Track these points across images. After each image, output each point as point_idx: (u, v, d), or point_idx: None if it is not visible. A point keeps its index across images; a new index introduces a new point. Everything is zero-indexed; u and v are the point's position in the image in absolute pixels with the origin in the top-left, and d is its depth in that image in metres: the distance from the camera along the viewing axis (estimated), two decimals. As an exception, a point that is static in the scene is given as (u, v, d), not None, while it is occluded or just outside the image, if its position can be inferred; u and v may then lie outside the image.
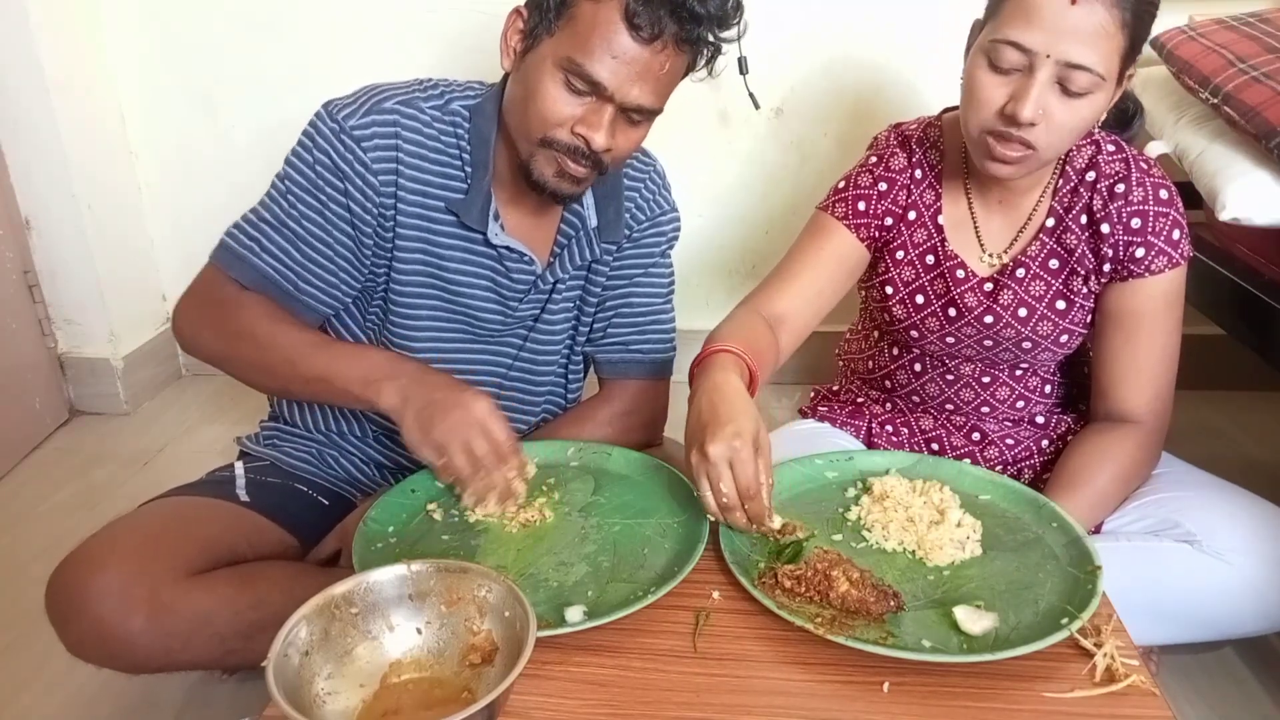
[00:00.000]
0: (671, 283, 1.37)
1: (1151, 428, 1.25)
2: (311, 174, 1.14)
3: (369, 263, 1.20)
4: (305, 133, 1.15)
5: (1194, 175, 1.54)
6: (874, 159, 1.30)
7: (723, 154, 2.19)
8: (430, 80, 1.20)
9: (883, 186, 1.28)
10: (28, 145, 2.03)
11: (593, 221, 1.25)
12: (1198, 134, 1.55)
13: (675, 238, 1.35)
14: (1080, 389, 1.37)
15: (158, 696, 1.34)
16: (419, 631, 0.83)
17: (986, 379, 1.34)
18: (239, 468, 1.28)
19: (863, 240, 1.29)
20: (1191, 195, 1.57)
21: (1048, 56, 1.04)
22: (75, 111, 2.06)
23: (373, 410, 1.11)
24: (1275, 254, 1.49)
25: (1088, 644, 0.86)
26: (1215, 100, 1.48)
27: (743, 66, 1.98)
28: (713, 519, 0.99)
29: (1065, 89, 1.06)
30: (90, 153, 2.12)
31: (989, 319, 1.27)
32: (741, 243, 2.29)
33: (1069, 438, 1.33)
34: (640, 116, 1.09)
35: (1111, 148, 1.23)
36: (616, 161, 1.13)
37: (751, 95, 2.02)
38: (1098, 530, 1.24)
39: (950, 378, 1.35)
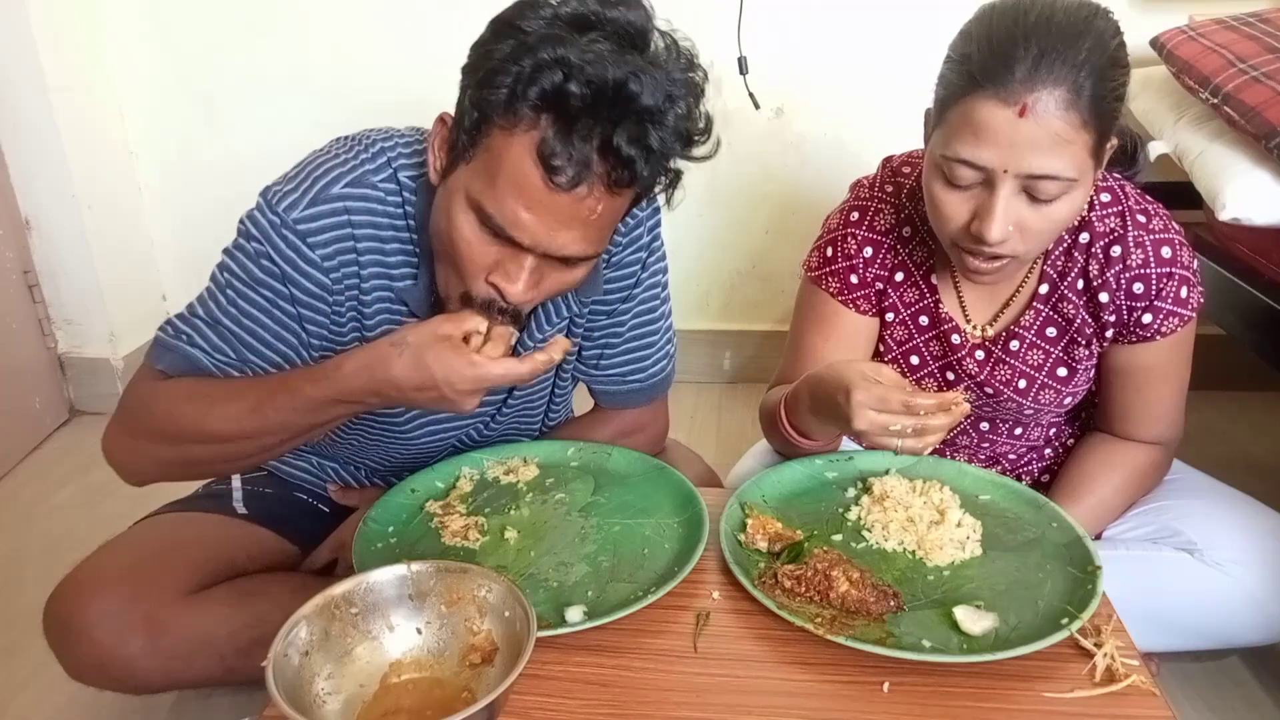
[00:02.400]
0: (663, 291, 1.23)
1: (1162, 447, 1.23)
2: (254, 267, 0.99)
3: (315, 355, 1.06)
4: (245, 224, 1.00)
5: (1194, 175, 1.54)
6: (855, 214, 1.22)
7: (723, 154, 2.17)
8: (369, 140, 1.04)
9: (869, 252, 1.20)
10: (28, 145, 2.03)
11: None
12: (1198, 134, 1.56)
13: (656, 237, 1.18)
14: (1085, 409, 1.33)
15: (156, 698, 1.33)
16: (419, 631, 0.83)
17: (986, 444, 1.30)
18: (236, 480, 1.26)
19: (866, 312, 1.23)
20: (1191, 195, 1.57)
21: (1005, 172, 0.96)
22: (75, 112, 2.06)
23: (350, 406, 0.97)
24: (1275, 254, 1.49)
25: (1088, 644, 0.86)
26: (1215, 100, 1.48)
27: (743, 66, 1.98)
28: (927, 449, 0.99)
29: (1034, 197, 0.98)
30: (90, 153, 2.12)
31: (988, 390, 1.21)
32: (741, 243, 2.28)
33: (1070, 442, 1.32)
34: (575, 261, 0.91)
35: (1106, 198, 1.13)
36: (544, 300, 0.97)
37: (751, 95, 2.02)
38: (1097, 538, 1.23)
39: (946, 443, 1.31)
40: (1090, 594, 0.90)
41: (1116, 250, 1.11)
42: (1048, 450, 1.34)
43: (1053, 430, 1.31)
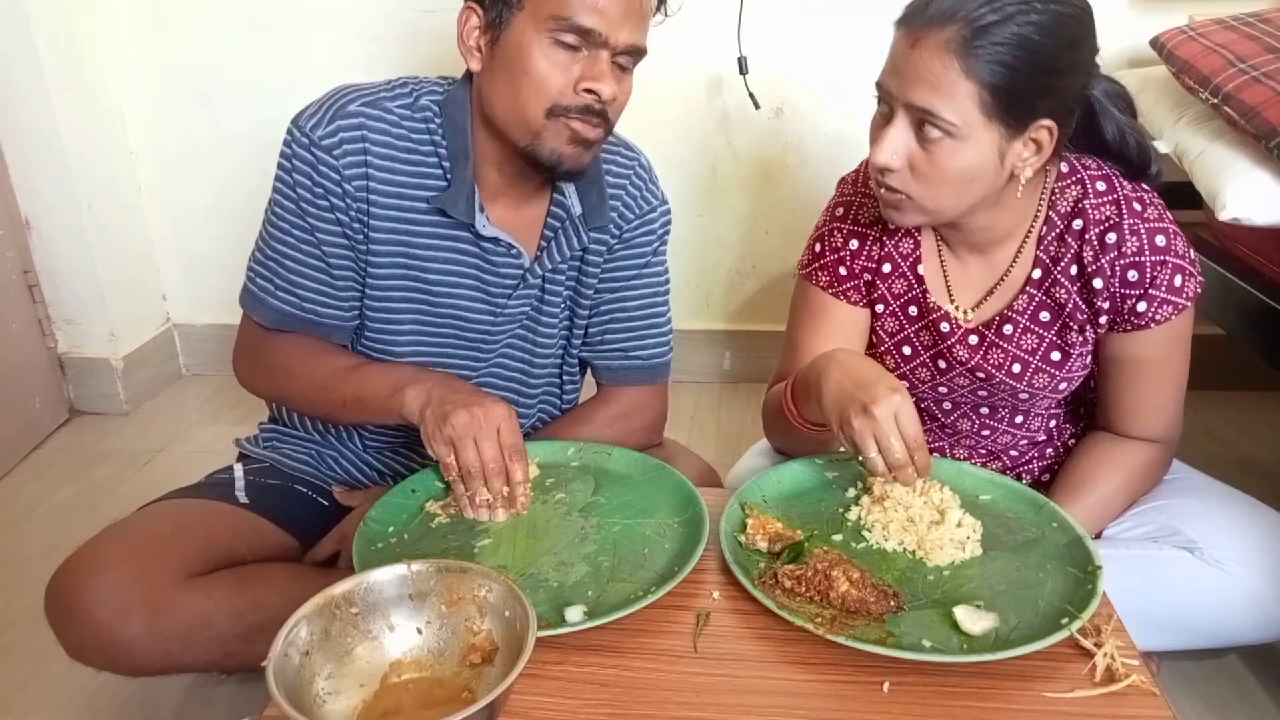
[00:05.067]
0: (667, 281, 1.33)
1: (1162, 445, 1.23)
2: (295, 196, 1.13)
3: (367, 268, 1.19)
4: (282, 153, 1.14)
5: (1194, 175, 1.54)
6: (840, 209, 1.25)
7: (723, 154, 2.19)
8: (399, 79, 1.18)
9: (854, 245, 1.23)
10: (28, 145, 2.03)
11: (577, 209, 1.21)
12: (1198, 134, 1.55)
13: (666, 233, 1.31)
14: (1086, 404, 1.33)
15: (157, 697, 1.34)
16: (419, 631, 0.83)
17: (986, 432, 1.30)
18: (238, 470, 1.27)
19: (857, 303, 1.25)
20: (1191, 195, 1.57)
21: (897, 99, 1.04)
22: (75, 111, 2.06)
23: (402, 419, 1.11)
24: (1275, 254, 1.49)
25: (1088, 644, 0.86)
26: (1215, 100, 1.48)
27: (743, 66, 1.98)
28: (883, 480, 1.01)
29: (922, 136, 1.04)
30: (90, 153, 2.12)
31: (981, 374, 1.22)
32: (741, 243, 2.28)
33: (1071, 443, 1.32)
34: (628, 61, 1.08)
35: (1101, 186, 1.14)
36: (616, 115, 1.11)
37: (751, 95, 2.02)
38: (1097, 537, 1.23)
39: (948, 431, 1.32)
40: (1090, 594, 0.90)
41: (1111, 237, 1.12)
42: (1049, 449, 1.33)
43: (1053, 422, 1.31)
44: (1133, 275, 1.12)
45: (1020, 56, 0.99)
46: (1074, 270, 1.15)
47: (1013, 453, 1.33)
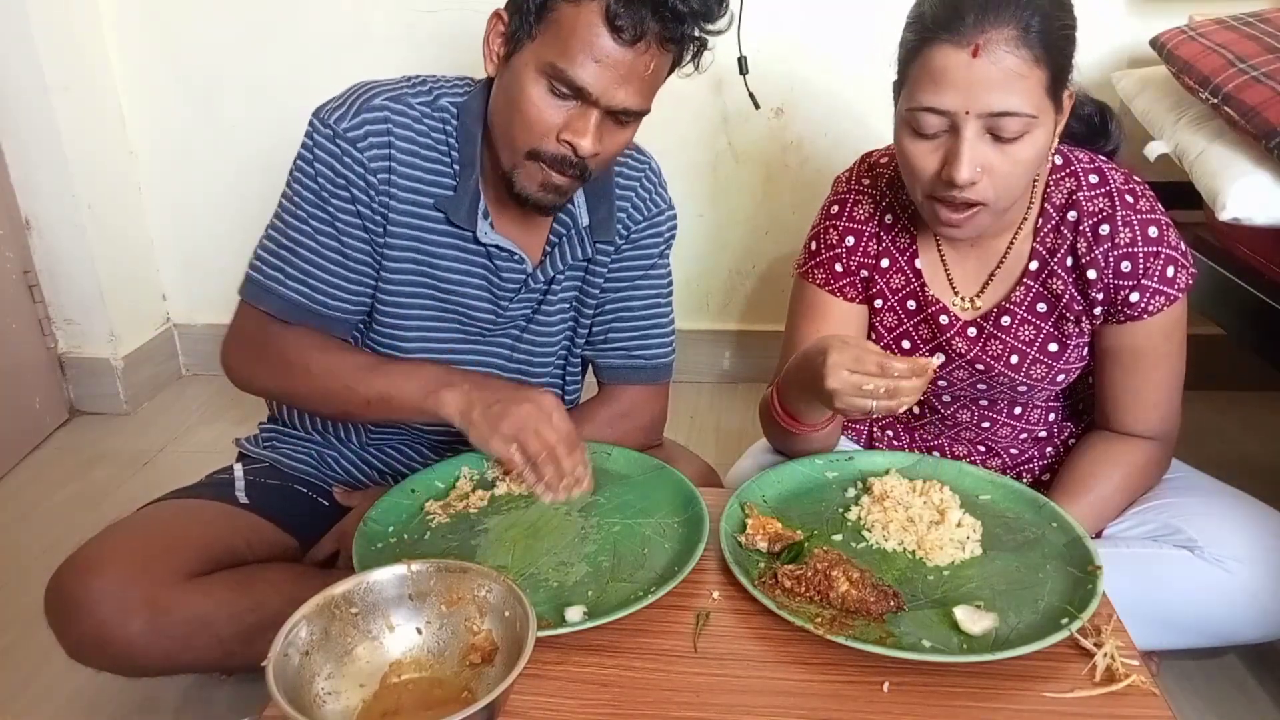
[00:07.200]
0: (670, 285, 1.35)
1: (1159, 443, 1.23)
2: (315, 186, 1.13)
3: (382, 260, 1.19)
4: (304, 144, 1.14)
5: (1194, 175, 1.53)
6: (835, 207, 1.26)
7: (723, 154, 2.19)
8: (419, 76, 1.18)
9: (850, 241, 1.24)
10: (28, 145, 2.03)
11: (584, 220, 1.22)
12: (1198, 134, 1.55)
13: (673, 237, 1.33)
14: (1085, 401, 1.34)
15: (157, 697, 1.34)
16: (419, 631, 0.83)
17: (986, 424, 1.30)
18: (238, 470, 1.28)
19: (854, 299, 1.26)
20: (1191, 195, 1.57)
21: (967, 113, 1.01)
22: (75, 111, 2.06)
23: (435, 420, 1.10)
24: (1275, 254, 1.49)
25: (1088, 644, 0.86)
26: (1215, 100, 1.48)
27: (743, 66, 1.98)
28: (901, 409, 1.00)
29: (998, 137, 1.02)
30: (90, 153, 2.12)
31: (980, 366, 1.23)
32: (741, 243, 2.29)
33: (1071, 442, 1.33)
34: (627, 118, 1.07)
35: (1094, 179, 1.15)
36: (602, 165, 1.11)
37: (751, 95, 2.02)
38: (1097, 536, 1.23)
39: (949, 423, 1.32)
40: (1090, 594, 0.90)
41: (1105, 229, 1.14)
42: (1049, 448, 1.34)
43: (1051, 415, 1.31)
44: (1126, 266, 1.14)
45: (1057, 30, 1.01)
46: (1069, 262, 1.17)
47: (1012, 450, 1.33)
